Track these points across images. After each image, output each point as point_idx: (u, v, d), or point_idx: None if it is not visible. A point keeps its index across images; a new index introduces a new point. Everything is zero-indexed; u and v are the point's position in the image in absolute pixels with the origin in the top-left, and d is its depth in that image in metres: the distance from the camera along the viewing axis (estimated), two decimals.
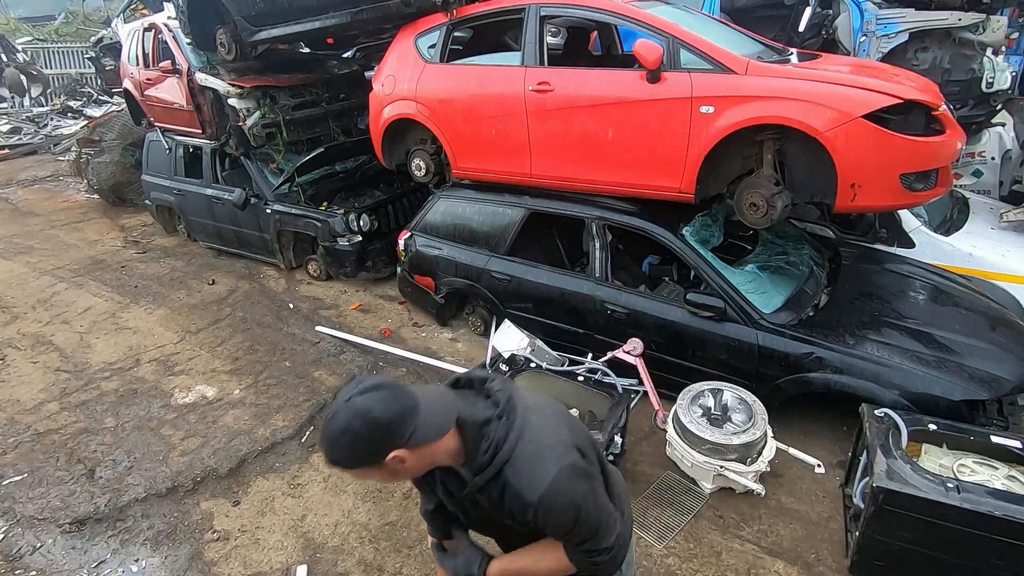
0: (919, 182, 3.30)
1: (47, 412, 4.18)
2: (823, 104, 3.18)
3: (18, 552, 3.11)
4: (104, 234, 7.71)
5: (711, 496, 3.25)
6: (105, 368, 4.69)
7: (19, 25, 17.17)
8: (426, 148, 4.85)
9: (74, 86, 15.30)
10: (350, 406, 1.33)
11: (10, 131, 12.86)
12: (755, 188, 3.50)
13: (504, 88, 4.19)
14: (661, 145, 3.67)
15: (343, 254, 5.65)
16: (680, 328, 3.71)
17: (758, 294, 3.65)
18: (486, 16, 4.42)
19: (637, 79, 3.65)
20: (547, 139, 4.09)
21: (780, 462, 3.38)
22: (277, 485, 3.49)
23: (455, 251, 4.66)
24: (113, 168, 8.33)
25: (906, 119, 3.19)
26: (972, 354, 3.24)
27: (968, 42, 4.93)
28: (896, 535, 2.52)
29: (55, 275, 6.41)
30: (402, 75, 4.73)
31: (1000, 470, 2.62)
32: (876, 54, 4.95)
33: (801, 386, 3.41)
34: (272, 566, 2.99)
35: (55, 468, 3.65)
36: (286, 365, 4.64)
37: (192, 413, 4.12)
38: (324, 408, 4.12)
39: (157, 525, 3.25)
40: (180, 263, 6.69)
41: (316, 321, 5.27)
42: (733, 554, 2.95)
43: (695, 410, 3.27)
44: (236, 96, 5.75)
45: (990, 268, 4.16)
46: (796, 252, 4.13)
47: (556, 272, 4.23)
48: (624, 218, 3.95)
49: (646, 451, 3.60)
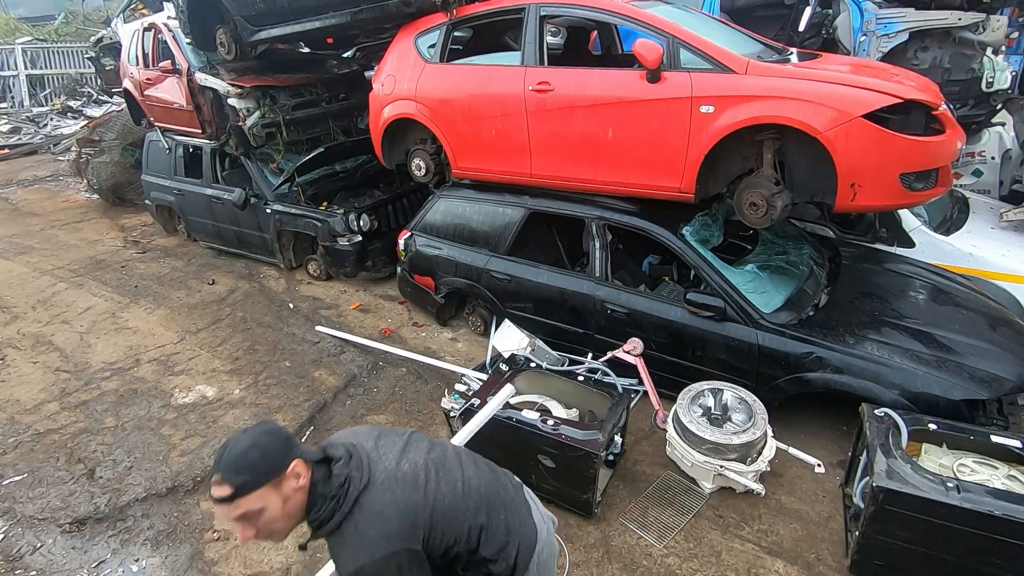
0: (919, 182, 3.30)
1: (47, 412, 4.18)
2: (823, 104, 3.18)
3: (18, 552, 3.11)
4: (104, 234, 7.71)
5: (711, 496, 3.25)
6: (105, 368, 4.69)
7: (19, 25, 17.16)
8: (426, 148, 4.85)
9: (74, 86, 15.31)
10: (247, 432, 1.46)
11: (10, 131, 12.87)
12: (755, 188, 3.50)
13: (504, 88, 4.18)
14: (661, 145, 3.67)
15: (343, 254, 5.65)
16: (680, 328, 3.71)
17: (758, 294, 3.65)
18: (486, 16, 4.42)
19: (637, 79, 3.65)
20: (547, 139, 4.08)
21: (780, 462, 3.37)
22: None
23: (455, 251, 4.66)
24: (113, 168, 8.34)
25: (906, 119, 3.18)
26: (972, 354, 3.24)
27: (968, 42, 4.93)
28: (896, 535, 2.52)
29: (55, 275, 6.41)
30: (402, 75, 4.73)
31: (1000, 470, 2.62)
32: (876, 54, 4.95)
33: (801, 386, 3.41)
34: (272, 566, 2.99)
35: (55, 468, 3.65)
36: (286, 365, 4.64)
37: (192, 413, 4.12)
38: (324, 408, 4.13)
39: (157, 525, 3.25)
40: (180, 263, 6.69)
41: (316, 321, 5.27)
42: (733, 554, 2.95)
43: (695, 410, 3.27)
44: (236, 96, 5.75)
45: (990, 268, 4.16)
46: (796, 252, 4.12)
47: (556, 272, 4.23)
48: (624, 218, 3.95)
49: (646, 451, 3.60)
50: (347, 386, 4.37)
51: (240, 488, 1.39)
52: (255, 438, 1.44)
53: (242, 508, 1.41)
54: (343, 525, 1.48)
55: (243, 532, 1.45)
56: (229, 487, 1.39)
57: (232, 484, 1.39)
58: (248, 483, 1.39)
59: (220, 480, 1.40)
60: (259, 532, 1.45)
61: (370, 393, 4.30)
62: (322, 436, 3.87)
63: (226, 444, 1.45)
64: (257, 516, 1.43)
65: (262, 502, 1.42)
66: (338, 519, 1.48)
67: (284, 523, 1.48)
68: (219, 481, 1.41)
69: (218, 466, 1.42)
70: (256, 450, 1.42)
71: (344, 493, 1.49)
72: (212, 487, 1.43)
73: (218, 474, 1.41)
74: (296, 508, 1.48)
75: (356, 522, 1.48)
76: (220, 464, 1.42)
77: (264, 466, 1.42)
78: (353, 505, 1.48)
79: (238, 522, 1.43)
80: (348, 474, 1.51)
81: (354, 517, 1.48)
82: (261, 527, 1.44)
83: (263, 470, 1.41)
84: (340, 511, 1.48)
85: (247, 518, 1.42)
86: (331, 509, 1.48)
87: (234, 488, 1.39)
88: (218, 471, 1.41)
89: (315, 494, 1.50)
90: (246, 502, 1.40)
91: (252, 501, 1.41)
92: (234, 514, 1.41)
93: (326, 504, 1.49)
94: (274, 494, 1.43)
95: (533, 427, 3.04)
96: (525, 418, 3.09)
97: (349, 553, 1.46)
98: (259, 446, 1.43)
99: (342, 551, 1.48)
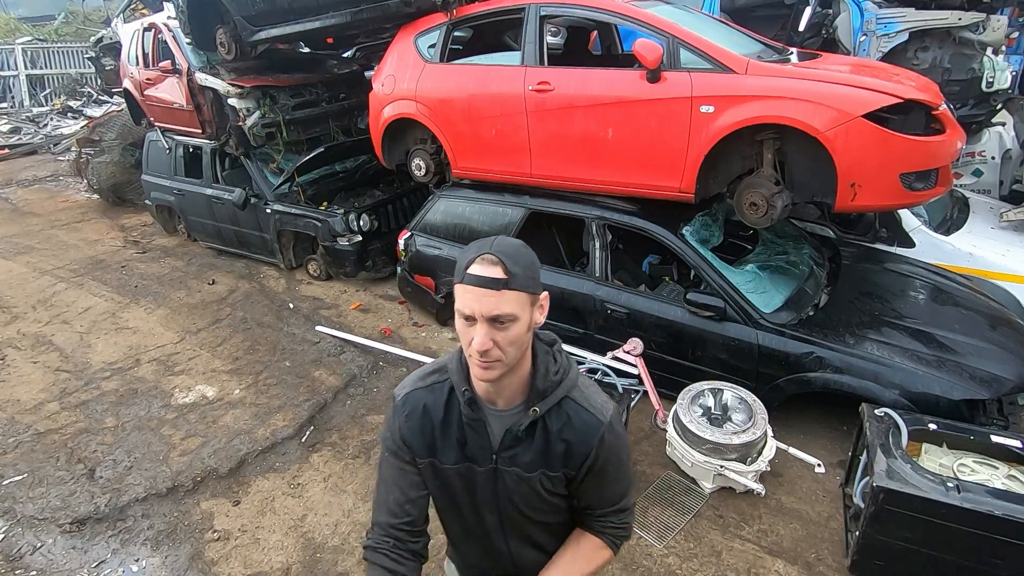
0: (919, 182, 3.30)
1: (47, 412, 4.18)
2: (823, 104, 3.18)
3: (18, 552, 3.11)
4: (104, 234, 7.71)
5: (711, 496, 3.25)
6: (105, 368, 4.69)
7: (19, 25, 17.16)
8: (426, 148, 4.85)
9: (74, 86, 15.30)
10: (508, 238, 1.28)
11: (10, 131, 12.86)
12: (755, 188, 3.50)
13: (504, 88, 4.18)
14: (661, 145, 3.67)
15: (343, 254, 5.65)
16: (680, 328, 3.71)
17: (758, 294, 3.65)
18: (486, 16, 4.42)
19: (637, 79, 3.65)
20: (547, 139, 4.08)
21: (780, 462, 3.37)
22: (277, 485, 3.49)
23: (455, 251, 4.66)
24: (113, 168, 8.33)
25: (906, 119, 3.18)
26: (972, 353, 3.24)
27: (968, 41, 4.93)
28: (896, 535, 2.52)
29: (55, 275, 6.41)
30: (402, 75, 4.73)
31: (1000, 469, 2.62)
32: (876, 54, 4.95)
33: (801, 386, 3.41)
34: (272, 566, 2.99)
35: (55, 468, 3.65)
36: (286, 365, 4.64)
37: (192, 413, 4.12)
38: (324, 408, 4.13)
39: (157, 525, 3.25)
40: (180, 263, 6.69)
41: (316, 321, 5.27)
42: (733, 554, 2.94)
43: (695, 410, 3.27)
44: (236, 96, 5.75)
45: (990, 268, 4.16)
46: (796, 252, 4.12)
47: (556, 272, 4.23)
48: (624, 218, 3.95)
49: (646, 451, 3.59)
50: (347, 386, 4.37)
51: (513, 279, 1.18)
52: (523, 246, 1.26)
53: (504, 305, 1.19)
54: (570, 393, 1.35)
55: (483, 339, 1.20)
56: (504, 271, 1.18)
57: (507, 270, 1.18)
58: (519, 278, 1.19)
59: (496, 260, 1.18)
60: (499, 346, 1.21)
61: (370, 393, 4.30)
62: (322, 436, 3.88)
63: (487, 240, 1.25)
64: (508, 324, 1.20)
65: (519, 309, 1.20)
66: (566, 388, 1.34)
67: (516, 351, 1.25)
68: (494, 261, 1.18)
69: (490, 248, 1.21)
70: (529, 254, 1.25)
71: (563, 369, 1.36)
72: (478, 265, 1.19)
73: (492, 255, 1.19)
74: (526, 347, 1.28)
75: (581, 388, 1.37)
76: (492, 247, 1.21)
77: (533, 272, 1.24)
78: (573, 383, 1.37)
79: (488, 324, 1.20)
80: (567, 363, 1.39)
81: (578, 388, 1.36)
82: (503, 341, 1.21)
83: (532, 275, 1.23)
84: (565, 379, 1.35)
85: (499, 321, 1.19)
86: (556, 374, 1.34)
87: (508, 274, 1.18)
88: (490, 251, 1.20)
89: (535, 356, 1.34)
90: (510, 297, 1.19)
91: (513, 302, 1.19)
92: (493, 308, 1.18)
93: (548, 371, 1.34)
94: (527, 311, 1.23)
95: None
96: None
97: (595, 406, 1.35)
98: (530, 254, 1.25)
99: (582, 408, 1.34)
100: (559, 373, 1.35)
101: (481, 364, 1.24)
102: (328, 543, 3.10)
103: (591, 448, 1.33)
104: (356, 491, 3.41)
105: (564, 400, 1.34)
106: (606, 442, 1.34)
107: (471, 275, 1.20)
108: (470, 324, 1.23)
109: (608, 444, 1.34)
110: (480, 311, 1.19)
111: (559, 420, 1.34)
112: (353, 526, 3.19)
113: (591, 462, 1.34)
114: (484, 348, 1.21)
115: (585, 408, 1.34)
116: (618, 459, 1.40)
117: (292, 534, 3.16)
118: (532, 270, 1.24)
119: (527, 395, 1.34)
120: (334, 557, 3.02)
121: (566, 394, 1.34)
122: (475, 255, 1.21)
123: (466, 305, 1.21)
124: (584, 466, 1.35)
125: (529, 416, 1.32)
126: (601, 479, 1.38)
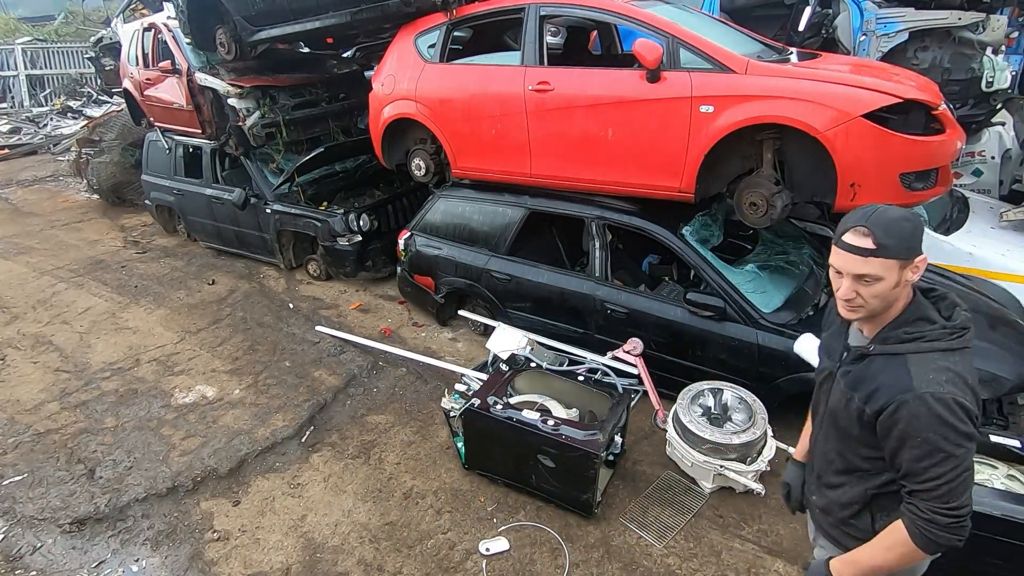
0: (919, 181, 3.30)
1: (47, 412, 4.18)
2: (823, 103, 3.18)
3: (18, 552, 3.11)
4: (104, 234, 7.71)
5: (711, 496, 3.25)
6: (105, 368, 4.69)
7: (19, 25, 17.16)
8: (426, 148, 4.85)
9: (74, 86, 15.31)
10: (896, 207, 1.49)
11: (10, 131, 12.87)
12: (755, 187, 3.50)
13: (504, 88, 4.18)
14: (661, 145, 3.67)
15: (343, 254, 5.65)
16: (680, 328, 3.71)
17: (758, 294, 3.65)
18: (486, 16, 4.42)
19: (637, 79, 3.65)
20: (547, 139, 4.08)
21: (780, 461, 3.37)
22: (277, 485, 3.49)
23: (455, 251, 4.66)
24: (113, 168, 8.33)
25: (906, 118, 3.18)
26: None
27: (968, 41, 4.93)
28: None
29: (55, 275, 6.41)
30: (402, 75, 4.73)
31: (1000, 469, 2.61)
32: (876, 53, 4.95)
33: (801, 385, 3.40)
34: (272, 566, 2.99)
35: (55, 468, 3.65)
36: (286, 365, 4.64)
37: (192, 413, 4.12)
38: (324, 408, 4.13)
39: (157, 525, 3.25)
40: (180, 263, 6.69)
41: (316, 321, 5.27)
42: (733, 553, 2.95)
43: (695, 410, 3.27)
44: (236, 96, 5.75)
45: (990, 268, 4.16)
46: (796, 252, 4.12)
47: (556, 272, 4.23)
48: (624, 218, 3.95)
49: (646, 451, 3.60)
50: (347, 386, 4.37)
51: (881, 249, 1.43)
52: (906, 214, 1.47)
53: (869, 268, 1.44)
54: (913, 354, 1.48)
55: (846, 290, 1.49)
56: (873, 242, 1.43)
57: (877, 241, 1.43)
58: (889, 248, 1.43)
59: (867, 232, 1.44)
60: (862, 296, 1.48)
61: (370, 393, 4.30)
62: (322, 436, 3.88)
63: (870, 207, 1.48)
64: (873, 282, 1.46)
65: (886, 271, 1.45)
66: (918, 346, 1.48)
67: (882, 303, 1.49)
68: (865, 232, 1.44)
69: (865, 220, 1.45)
70: (908, 224, 1.46)
71: (955, 328, 1.49)
72: (851, 235, 1.46)
73: (865, 227, 1.44)
74: (895, 299, 1.51)
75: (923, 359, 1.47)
76: (868, 220, 1.45)
77: (908, 241, 1.45)
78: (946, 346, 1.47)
79: (854, 281, 1.47)
80: (967, 321, 1.50)
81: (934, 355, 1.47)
82: (867, 294, 1.47)
83: (906, 244, 1.44)
84: (929, 340, 1.48)
85: (864, 279, 1.46)
86: (923, 332, 1.49)
87: (877, 245, 1.43)
88: (865, 224, 1.44)
89: (917, 305, 1.52)
90: (876, 264, 1.44)
91: (880, 266, 1.44)
92: (858, 269, 1.45)
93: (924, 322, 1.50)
94: (896, 272, 1.45)
95: (533, 427, 3.04)
96: (525, 418, 3.10)
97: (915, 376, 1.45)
98: (911, 222, 1.46)
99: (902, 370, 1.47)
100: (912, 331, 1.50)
101: (845, 308, 1.54)
102: (328, 543, 3.10)
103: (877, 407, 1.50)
104: (356, 491, 3.41)
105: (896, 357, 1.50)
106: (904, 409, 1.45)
107: (843, 242, 1.48)
108: (839, 276, 1.52)
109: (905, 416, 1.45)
110: (846, 269, 1.48)
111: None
112: (353, 526, 3.19)
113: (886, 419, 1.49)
114: (847, 297, 1.51)
115: (906, 371, 1.46)
116: (923, 426, 1.45)
117: (292, 534, 3.16)
118: (909, 240, 1.45)
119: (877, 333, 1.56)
120: (334, 557, 3.02)
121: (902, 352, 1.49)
122: (852, 225, 1.47)
123: (836, 263, 1.51)
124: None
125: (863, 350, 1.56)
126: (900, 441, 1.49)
